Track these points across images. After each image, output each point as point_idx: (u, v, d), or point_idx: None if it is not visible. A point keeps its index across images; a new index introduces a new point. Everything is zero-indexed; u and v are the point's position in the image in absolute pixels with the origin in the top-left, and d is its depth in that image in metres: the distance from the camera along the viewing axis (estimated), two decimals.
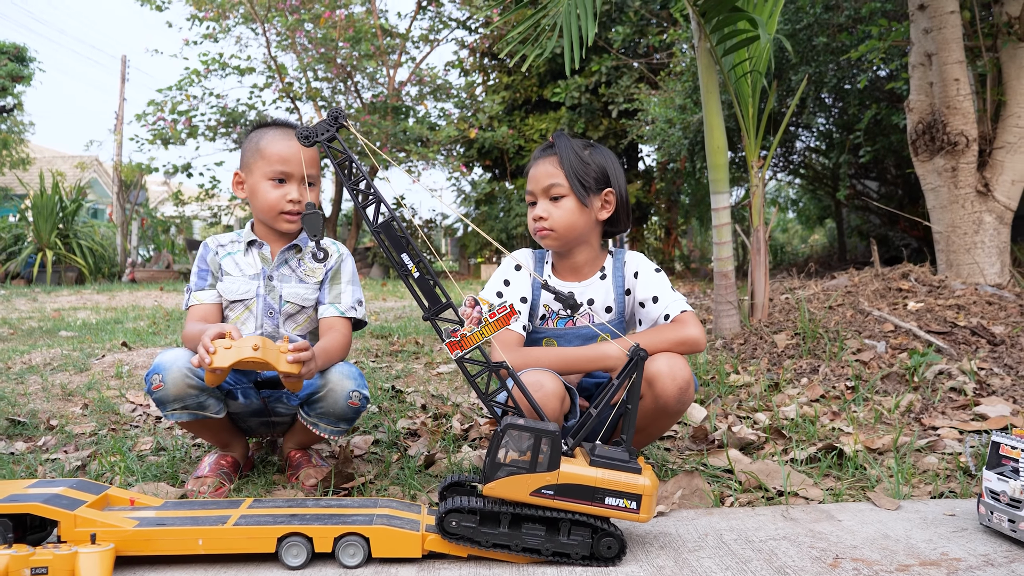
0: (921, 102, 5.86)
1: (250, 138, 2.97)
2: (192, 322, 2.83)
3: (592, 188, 2.74)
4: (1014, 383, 3.82)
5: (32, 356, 5.10)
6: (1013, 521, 2.09)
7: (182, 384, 2.61)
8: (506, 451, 2.02)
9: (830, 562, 2.01)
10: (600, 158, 2.79)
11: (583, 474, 2.02)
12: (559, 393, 2.48)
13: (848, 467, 2.88)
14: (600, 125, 16.52)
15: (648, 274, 2.79)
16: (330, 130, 2.12)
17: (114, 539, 1.96)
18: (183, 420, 2.73)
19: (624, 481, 2.01)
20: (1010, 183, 5.72)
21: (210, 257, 2.97)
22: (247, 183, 2.95)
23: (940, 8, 5.50)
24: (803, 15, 9.18)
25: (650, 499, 2.01)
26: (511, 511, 2.04)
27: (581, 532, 2.03)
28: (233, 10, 16.87)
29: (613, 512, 2.01)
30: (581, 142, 2.81)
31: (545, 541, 2.04)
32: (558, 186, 2.71)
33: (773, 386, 4.07)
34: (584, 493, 2.01)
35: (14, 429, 3.52)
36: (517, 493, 2.01)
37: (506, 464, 2.02)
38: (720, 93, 5.10)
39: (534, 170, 2.78)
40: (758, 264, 5.17)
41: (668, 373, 2.50)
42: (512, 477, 2.01)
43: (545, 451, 2.01)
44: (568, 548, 2.03)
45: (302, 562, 2.00)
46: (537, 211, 2.75)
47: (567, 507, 2.01)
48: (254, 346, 2.30)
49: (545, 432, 2.01)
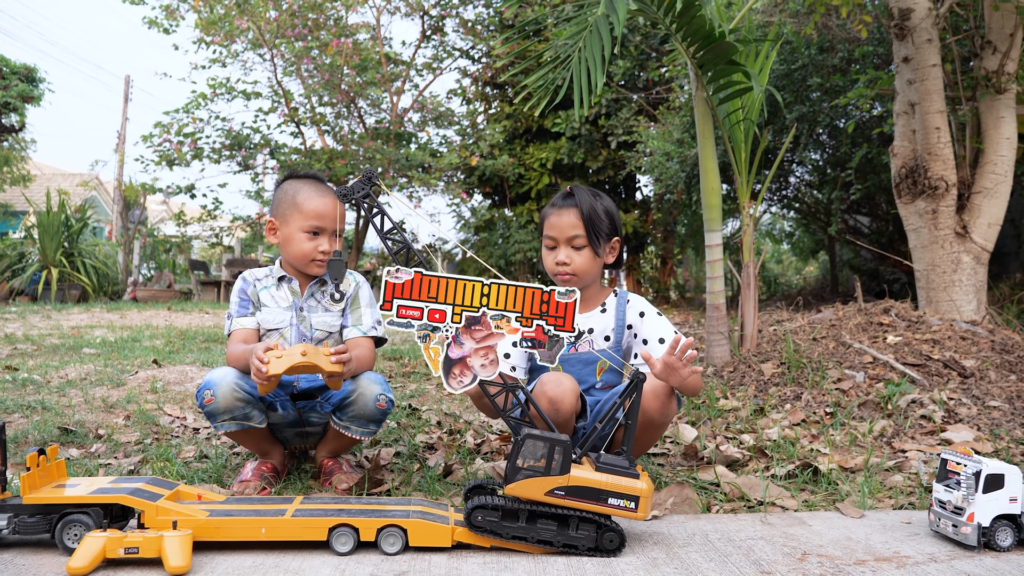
0: (904, 148, 6.20)
1: (284, 189, 3.34)
2: (235, 343, 3.21)
3: (606, 238, 3.16)
4: (980, 412, 4.15)
5: (67, 372, 5.42)
6: (956, 526, 2.45)
7: (231, 397, 2.98)
8: (524, 458, 2.37)
9: (799, 557, 2.35)
10: (609, 207, 3.21)
11: (590, 478, 2.37)
12: (576, 390, 2.89)
13: (822, 483, 3.22)
14: (599, 155, 16.78)
15: (652, 316, 3.19)
16: (365, 188, 2.47)
17: (190, 526, 2.30)
18: (231, 430, 3.09)
19: (625, 484, 2.36)
20: (987, 226, 6.04)
21: (251, 290, 3.35)
22: (280, 231, 3.33)
23: (923, 61, 5.86)
24: (798, 55, 9.50)
25: (647, 500, 2.36)
26: (528, 508, 2.38)
27: (587, 527, 2.38)
28: (241, 35, 17.17)
29: (615, 511, 2.36)
30: (592, 192, 3.21)
31: (556, 534, 2.38)
32: (580, 237, 3.12)
33: (759, 410, 4.41)
34: (591, 494, 2.36)
35: (66, 437, 3.84)
36: (533, 493, 2.36)
37: (524, 468, 2.37)
38: (715, 138, 5.45)
39: (556, 218, 3.17)
40: (748, 298, 5.52)
41: (651, 390, 2.89)
42: (529, 479, 2.36)
43: (557, 458, 2.36)
44: (576, 541, 2.38)
45: (349, 549, 2.34)
46: (560, 257, 3.15)
47: (576, 506, 2.36)
48: (302, 352, 2.70)
49: (558, 441, 2.37)
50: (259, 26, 16.52)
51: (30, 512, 2.32)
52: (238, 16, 16.39)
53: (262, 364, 2.69)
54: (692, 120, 10.58)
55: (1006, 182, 6.09)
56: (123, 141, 30.00)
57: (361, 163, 16.95)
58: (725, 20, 5.31)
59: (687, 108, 11.14)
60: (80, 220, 17.17)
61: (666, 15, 4.66)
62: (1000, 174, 6.07)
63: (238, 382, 3.01)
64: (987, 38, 6.16)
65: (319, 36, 16.91)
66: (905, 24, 5.86)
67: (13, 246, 17.09)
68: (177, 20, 18.12)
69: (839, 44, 9.24)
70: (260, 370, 2.70)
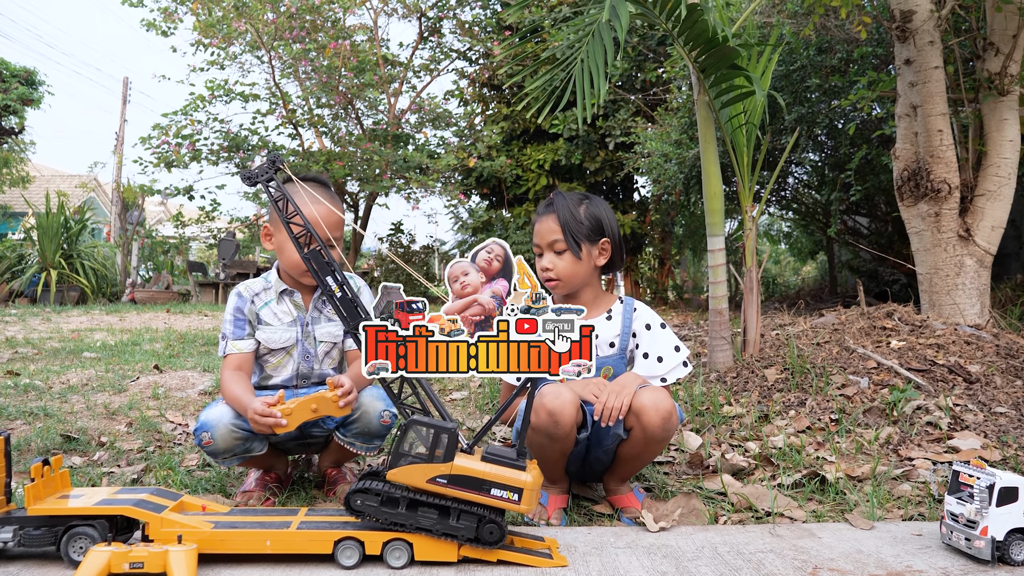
0: (906, 150, 6.19)
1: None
2: (229, 371, 3.10)
3: (588, 240, 3.15)
4: (986, 419, 4.13)
5: (69, 377, 5.40)
6: (969, 539, 2.42)
7: (229, 438, 2.94)
8: (410, 444, 2.35)
9: (809, 571, 2.33)
10: (596, 211, 3.20)
11: (473, 467, 2.35)
12: (576, 401, 2.85)
13: (830, 492, 3.20)
14: (597, 156, 16.75)
15: (657, 330, 3.18)
16: (268, 172, 2.48)
17: (195, 539, 2.28)
18: (235, 464, 3.07)
19: (509, 476, 2.34)
20: (990, 228, 6.03)
21: (247, 308, 3.23)
22: (275, 239, 3.23)
23: (925, 63, 5.84)
24: (797, 57, 9.47)
25: (531, 493, 2.34)
26: (409, 496, 2.37)
27: (468, 518, 2.36)
28: (239, 38, 17.15)
29: (497, 502, 2.34)
30: (577, 197, 3.22)
31: (436, 523, 2.36)
32: (560, 241, 3.14)
33: (763, 417, 4.39)
34: (473, 484, 2.34)
35: (69, 445, 3.82)
36: (416, 480, 2.35)
37: (408, 455, 2.35)
38: (716, 141, 5.43)
39: (539, 226, 3.21)
40: (750, 302, 5.49)
41: (652, 406, 2.86)
42: (412, 466, 2.35)
43: (442, 445, 2.34)
44: (455, 531, 2.36)
45: (355, 562, 2.32)
46: (543, 263, 3.18)
47: (457, 495, 2.34)
48: (313, 409, 2.67)
49: (443, 429, 2.36)
50: (257, 28, 16.49)
51: (35, 524, 2.30)
52: (236, 19, 16.36)
53: (276, 422, 2.66)
54: (690, 121, 10.58)
55: (1009, 185, 6.07)
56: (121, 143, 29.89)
57: (359, 165, 16.94)
58: (727, 24, 5.29)
59: (685, 109, 11.12)
60: (79, 222, 17.16)
61: (668, 20, 4.63)
62: (1003, 176, 6.06)
63: (235, 423, 2.95)
64: (989, 40, 6.14)
65: (317, 38, 16.90)
66: (907, 26, 5.84)
67: (12, 248, 17.08)
68: (175, 22, 18.10)
69: (838, 45, 9.22)
70: (278, 427, 2.67)
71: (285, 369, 3.26)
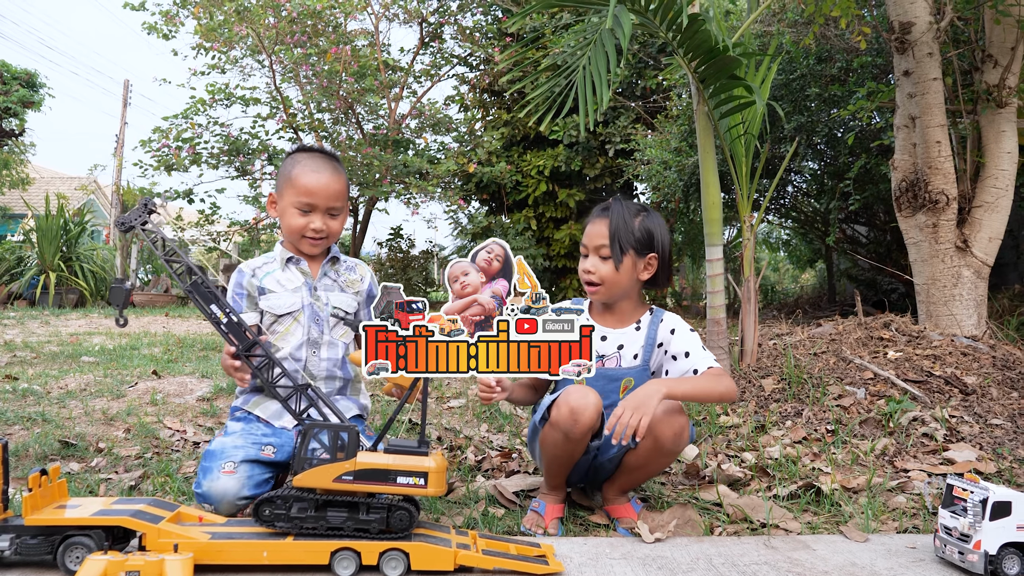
0: (905, 161, 6.21)
1: (286, 162, 3.29)
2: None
3: (635, 252, 3.13)
4: (982, 430, 4.14)
5: (67, 381, 5.40)
6: (962, 553, 2.43)
7: (233, 508, 2.88)
8: (311, 449, 2.39)
9: None
10: (651, 224, 3.17)
11: (376, 460, 2.39)
12: (599, 406, 2.87)
13: (825, 503, 3.21)
14: (596, 163, 16.75)
15: (683, 332, 3.18)
16: (142, 215, 2.58)
17: (192, 549, 2.29)
18: None
19: (412, 463, 2.39)
20: (987, 240, 6.05)
21: (246, 281, 3.27)
22: (279, 205, 3.28)
23: (924, 75, 5.86)
24: (796, 66, 9.49)
25: (437, 475, 2.39)
26: (318, 498, 2.40)
27: (377, 510, 2.40)
28: (240, 42, 17.14)
29: (405, 489, 2.38)
30: (635, 207, 3.20)
31: (347, 520, 2.39)
32: (605, 247, 3.12)
33: (760, 428, 4.40)
34: (379, 476, 2.38)
35: (66, 451, 3.83)
36: (322, 481, 2.38)
37: (311, 458, 2.39)
38: (716, 151, 5.44)
39: (590, 228, 3.19)
40: (748, 312, 5.50)
41: (665, 418, 2.85)
42: (317, 468, 2.38)
43: (343, 444, 2.39)
44: (367, 524, 2.39)
45: (351, 573, 2.33)
46: (587, 264, 3.17)
47: (366, 489, 2.38)
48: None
49: (343, 428, 2.40)
50: (258, 33, 16.49)
51: (32, 534, 2.31)
52: (237, 23, 16.36)
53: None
54: (689, 129, 10.59)
55: (1007, 196, 6.09)
56: (121, 145, 29.85)
57: (359, 169, 16.93)
58: (727, 33, 5.30)
59: (685, 117, 11.13)
60: (78, 224, 17.15)
61: (669, 30, 4.65)
62: (1001, 188, 6.08)
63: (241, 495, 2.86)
64: (988, 52, 6.17)
65: (318, 43, 16.89)
66: (906, 38, 5.87)
67: (11, 250, 17.07)
68: (176, 26, 18.09)
69: (838, 54, 9.23)
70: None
71: (293, 336, 3.22)
